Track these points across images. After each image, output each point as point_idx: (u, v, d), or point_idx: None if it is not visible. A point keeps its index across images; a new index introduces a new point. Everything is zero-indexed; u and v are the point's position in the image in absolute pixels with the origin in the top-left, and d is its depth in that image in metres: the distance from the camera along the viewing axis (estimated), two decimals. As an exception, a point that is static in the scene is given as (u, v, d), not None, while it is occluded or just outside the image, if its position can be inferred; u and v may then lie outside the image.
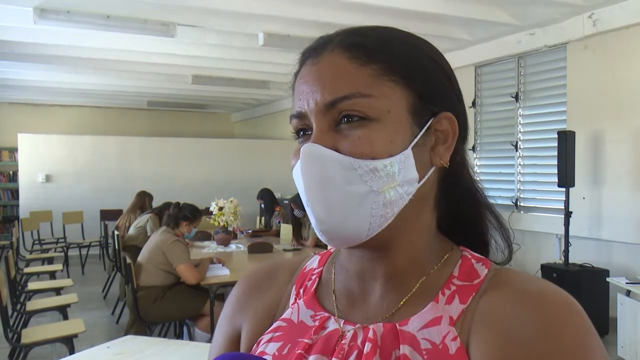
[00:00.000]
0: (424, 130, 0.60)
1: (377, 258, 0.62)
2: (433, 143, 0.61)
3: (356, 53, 0.59)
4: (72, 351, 3.32)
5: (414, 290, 0.61)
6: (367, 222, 0.57)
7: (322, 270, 0.70)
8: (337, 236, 0.58)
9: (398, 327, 0.59)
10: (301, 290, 0.69)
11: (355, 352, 0.59)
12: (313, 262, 0.72)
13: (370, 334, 0.59)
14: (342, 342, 0.60)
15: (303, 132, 0.62)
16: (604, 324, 4.48)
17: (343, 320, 0.63)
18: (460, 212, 0.67)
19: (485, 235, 0.68)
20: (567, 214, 4.71)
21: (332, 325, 0.63)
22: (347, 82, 0.58)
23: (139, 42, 5.78)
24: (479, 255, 0.64)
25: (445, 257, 0.63)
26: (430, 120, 0.61)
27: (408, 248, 0.62)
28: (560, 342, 0.52)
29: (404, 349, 0.57)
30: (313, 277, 0.70)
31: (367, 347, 0.58)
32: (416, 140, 0.59)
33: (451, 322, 0.57)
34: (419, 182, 0.60)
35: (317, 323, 0.64)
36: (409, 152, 0.58)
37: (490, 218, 0.68)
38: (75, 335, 3.50)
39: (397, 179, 0.57)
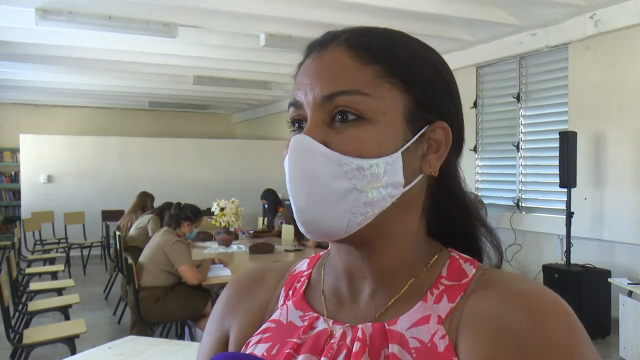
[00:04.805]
0: (416, 137, 0.60)
1: (363, 256, 0.62)
2: (425, 150, 0.62)
3: (360, 52, 0.59)
4: (73, 352, 3.33)
5: (402, 291, 0.62)
6: (346, 219, 0.57)
7: (311, 272, 0.71)
8: (316, 228, 0.59)
9: (387, 327, 0.59)
10: (290, 292, 0.69)
11: (345, 352, 0.59)
12: (302, 265, 0.73)
13: (359, 334, 0.59)
14: (331, 341, 0.60)
15: (298, 123, 0.62)
16: (606, 325, 4.47)
17: (332, 320, 0.63)
18: (450, 221, 0.67)
19: (477, 243, 0.69)
20: (569, 215, 4.71)
21: (321, 325, 0.63)
22: (347, 78, 0.58)
23: (140, 42, 5.78)
24: (467, 256, 0.64)
25: (434, 258, 0.64)
26: (425, 128, 0.61)
27: (394, 249, 0.62)
28: (549, 338, 0.52)
29: (393, 348, 0.57)
30: (302, 279, 0.70)
31: (356, 346, 0.58)
32: (407, 145, 0.60)
33: (439, 320, 0.58)
34: (404, 187, 0.60)
35: (305, 323, 0.64)
36: (397, 155, 0.59)
37: (481, 229, 0.68)
38: (77, 336, 3.50)
39: (382, 180, 0.58)
